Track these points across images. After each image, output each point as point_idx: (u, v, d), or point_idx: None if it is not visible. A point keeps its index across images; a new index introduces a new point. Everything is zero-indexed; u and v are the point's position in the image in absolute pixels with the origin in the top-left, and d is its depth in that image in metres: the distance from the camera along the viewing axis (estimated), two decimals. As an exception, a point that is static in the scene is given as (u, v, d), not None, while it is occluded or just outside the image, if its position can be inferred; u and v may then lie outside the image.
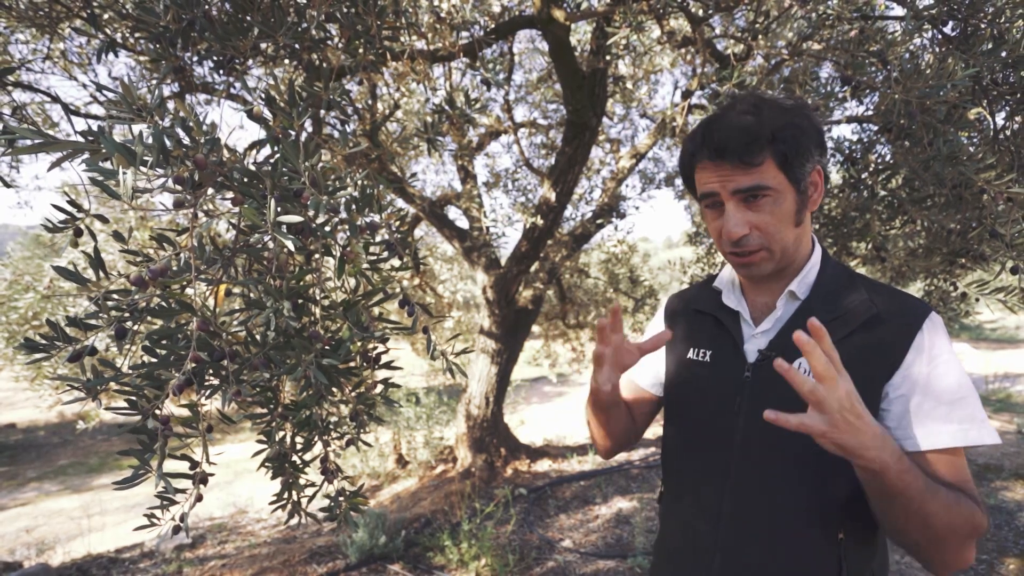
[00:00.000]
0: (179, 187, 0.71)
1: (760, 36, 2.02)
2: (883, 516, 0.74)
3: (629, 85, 4.23)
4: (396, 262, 0.90)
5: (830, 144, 2.26)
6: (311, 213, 0.75)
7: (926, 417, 0.76)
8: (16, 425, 9.68)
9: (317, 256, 0.87)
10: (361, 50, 1.25)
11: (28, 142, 0.66)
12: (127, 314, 0.75)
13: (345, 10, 1.18)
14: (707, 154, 0.81)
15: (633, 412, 1.08)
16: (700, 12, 2.09)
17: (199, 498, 0.82)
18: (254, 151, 0.92)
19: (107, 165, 0.66)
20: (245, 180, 0.77)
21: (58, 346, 0.73)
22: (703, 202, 0.86)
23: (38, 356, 0.74)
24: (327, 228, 0.79)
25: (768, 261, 0.83)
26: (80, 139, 0.68)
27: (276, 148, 0.84)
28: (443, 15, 1.91)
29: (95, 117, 1.73)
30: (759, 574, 0.82)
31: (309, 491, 0.98)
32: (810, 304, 0.85)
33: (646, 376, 1.07)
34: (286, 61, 1.37)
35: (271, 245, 0.82)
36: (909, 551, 0.77)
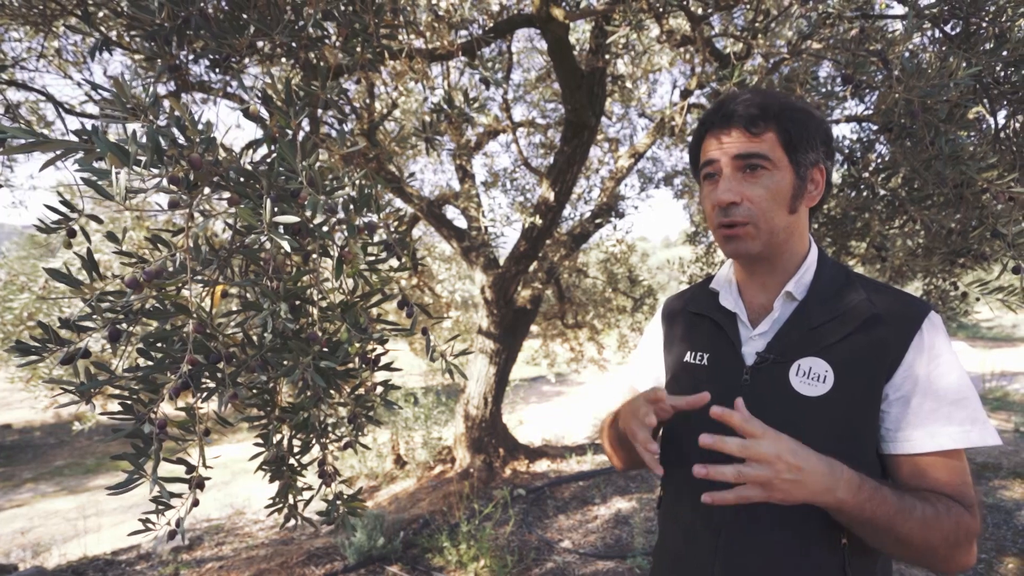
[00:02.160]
0: (174, 187, 0.70)
1: (760, 35, 2.01)
2: (860, 535, 0.75)
3: (628, 84, 4.22)
4: (394, 262, 0.89)
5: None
6: (308, 213, 0.74)
7: (927, 418, 0.75)
8: (12, 426, 9.63)
9: (315, 257, 0.86)
10: (359, 49, 1.24)
11: (21, 141, 0.64)
12: (121, 316, 0.74)
13: (343, 8, 1.17)
14: (716, 120, 0.83)
15: None
16: (699, 11, 2.09)
17: (195, 503, 0.81)
18: (251, 150, 0.91)
19: (100, 165, 0.65)
20: (241, 180, 0.76)
21: (50, 348, 0.72)
22: (703, 172, 0.86)
23: (30, 359, 0.72)
24: (325, 228, 0.78)
25: (754, 239, 0.82)
26: (73, 138, 0.67)
27: (273, 147, 0.83)
28: (441, 13, 1.90)
29: (90, 116, 1.71)
30: None
31: (306, 494, 0.97)
32: (808, 304, 0.84)
33: (647, 382, 1.07)
34: (283, 60, 1.36)
35: (268, 246, 0.81)
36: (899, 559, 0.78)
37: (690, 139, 0.93)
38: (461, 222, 4.79)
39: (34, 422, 9.71)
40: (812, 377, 0.79)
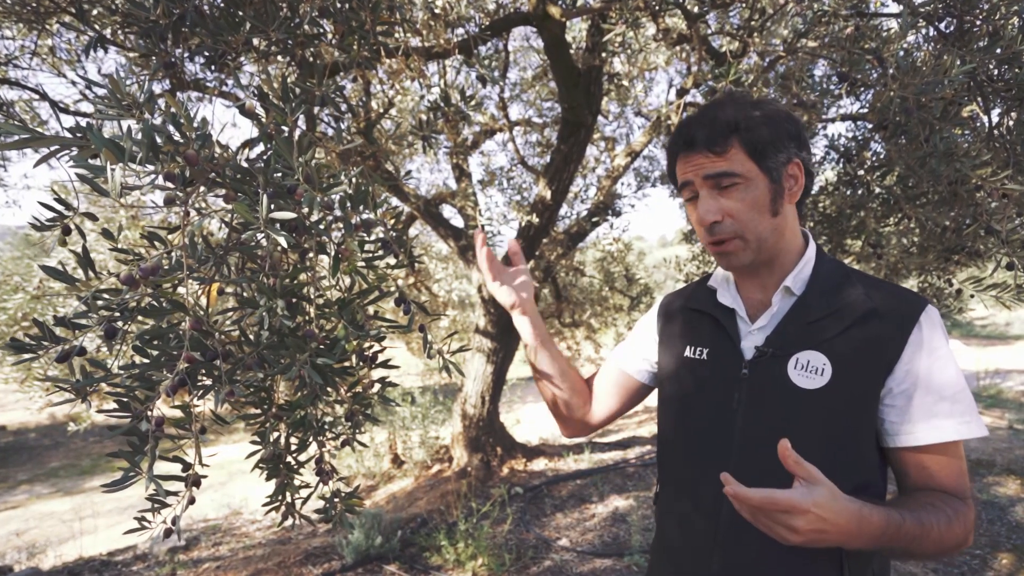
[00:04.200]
0: (170, 184, 0.70)
1: (756, 33, 2.02)
2: None
3: (624, 83, 4.23)
4: (391, 260, 0.89)
5: (825, 141, 2.27)
6: (305, 210, 0.74)
7: (929, 412, 0.76)
8: (6, 427, 9.58)
9: (311, 254, 0.86)
10: (355, 46, 1.24)
11: (14, 137, 0.64)
12: (117, 314, 0.74)
13: (339, 5, 1.17)
14: (680, 146, 0.85)
15: (605, 389, 1.11)
16: (696, 9, 2.09)
17: (192, 501, 0.81)
18: (247, 149, 0.90)
19: (96, 161, 0.65)
20: (237, 177, 0.76)
21: (45, 346, 0.71)
22: (683, 194, 0.89)
23: (25, 357, 0.72)
24: (321, 225, 0.78)
25: (744, 251, 0.84)
26: (67, 135, 0.66)
27: (269, 145, 0.83)
28: (438, 11, 1.89)
29: (84, 114, 1.70)
30: (759, 574, 0.81)
31: (304, 492, 0.97)
32: (806, 299, 0.85)
33: (633, 361, 1.08)
34: (279, 57, 1.35)
35: (264, 243, 0.81)
36: None
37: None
38: (458, 221, 4.79)
39: (29, 423, 9.66)
40: (810, 370, 0.80)
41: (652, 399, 1.09)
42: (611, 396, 1.10)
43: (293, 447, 0.94)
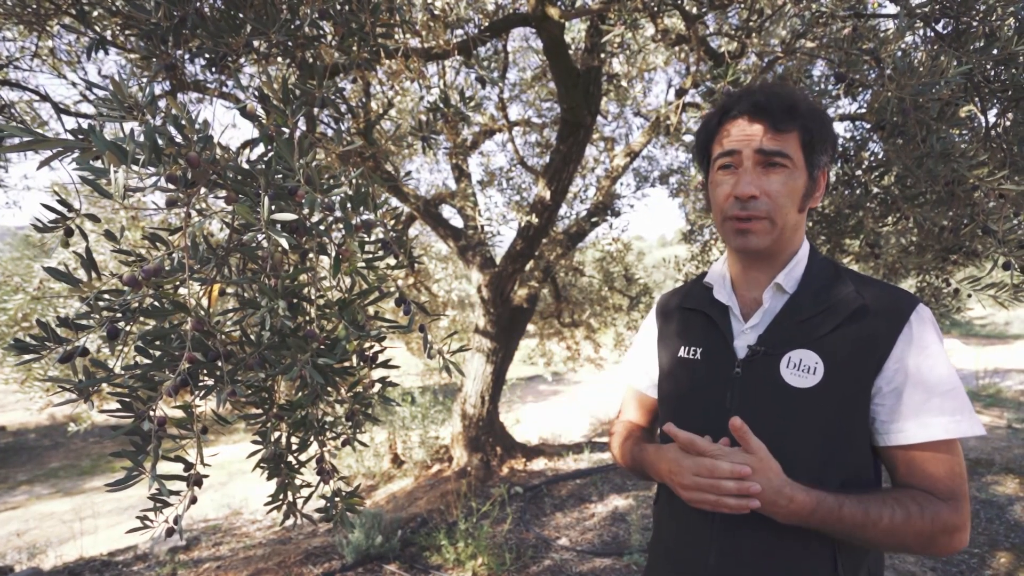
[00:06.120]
0: (172, 186, 0.70)
1: (754, 34, 2.02)
2: None
3: (623, 83, 4.24)
4: (391, 260, 0.89)
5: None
6: (306, 211, 0.74)
7: (918, 409, 0.76)
8: (6, 428, 9.57)
9: (312, 255, 0.86)
10: (355, 48, 1.25)
11: (17, 140, 0.64)
12: (119, 314, 0.74)
13: (339, 7, 1.17)
14: (744, 108, 0.83)
15: (639, 415, 1.12)
16: (694, 10, 2.10)
17: (194, 500, 0.81)
18: (247, 149, 0.91)
19: (98, 164, 0.65)
20: (239, 178, 0.77)
21: (48, 347, 0.72)
22: (718, 162, 0.86)
23: (28, 357, 0.73)
24: (322, 226, 0.79)
25: (767, 234, 0.83)
26: (70, 137, 0.67)
27: (270, 146, 0.83)
28: (437, 12, 1.90)
29: (85, 116, 1.71)
30: (755, 571, 0.82)
31: (305, 492, 0.97)
32: (798, 298, 0.86)
33: (642, 380, 1.08)
34: (279, 59, 1.36)
35: (265, 244, 0.81)
36: None
37: (696, 125, 0.94)
38: (457, 221, 4.79)
39: (29, 424, 9.65)
40: (802, 369, 0.81)
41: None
42: (644, 419, 1.12)
43: (294, 447, 0.94)
